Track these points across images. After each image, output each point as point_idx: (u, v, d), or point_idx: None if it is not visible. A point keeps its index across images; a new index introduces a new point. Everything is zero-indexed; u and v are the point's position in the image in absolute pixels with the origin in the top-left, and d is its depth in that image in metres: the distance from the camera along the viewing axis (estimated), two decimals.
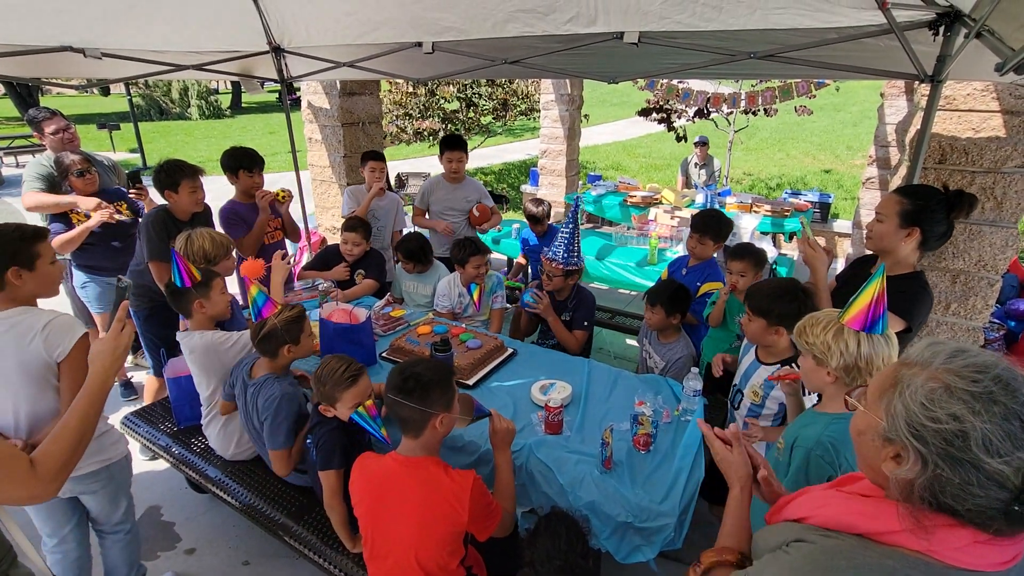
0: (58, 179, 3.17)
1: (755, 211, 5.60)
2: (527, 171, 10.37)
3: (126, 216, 3.19)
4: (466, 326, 2.90)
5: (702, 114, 8.27)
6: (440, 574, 1.55)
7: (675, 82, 7.42)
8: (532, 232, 4.31)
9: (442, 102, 9.57)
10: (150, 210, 2.94)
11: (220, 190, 3.74)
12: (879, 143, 5.61)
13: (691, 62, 2.64)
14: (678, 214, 5.13)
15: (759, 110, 7.55)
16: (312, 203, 5.43)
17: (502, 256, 5.48)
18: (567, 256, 2.79)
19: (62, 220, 3.12)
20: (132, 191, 3.40)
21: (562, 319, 2.92)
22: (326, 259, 3.49)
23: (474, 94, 9.78)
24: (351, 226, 3.33)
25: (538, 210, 4.09)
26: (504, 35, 2.63)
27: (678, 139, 9.00)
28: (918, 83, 2.33)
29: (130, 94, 8.51)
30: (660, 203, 5.90)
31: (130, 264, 2.96)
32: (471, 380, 2.40)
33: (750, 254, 2.48)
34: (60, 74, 3.60)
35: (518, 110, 10.20)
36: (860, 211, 5.76)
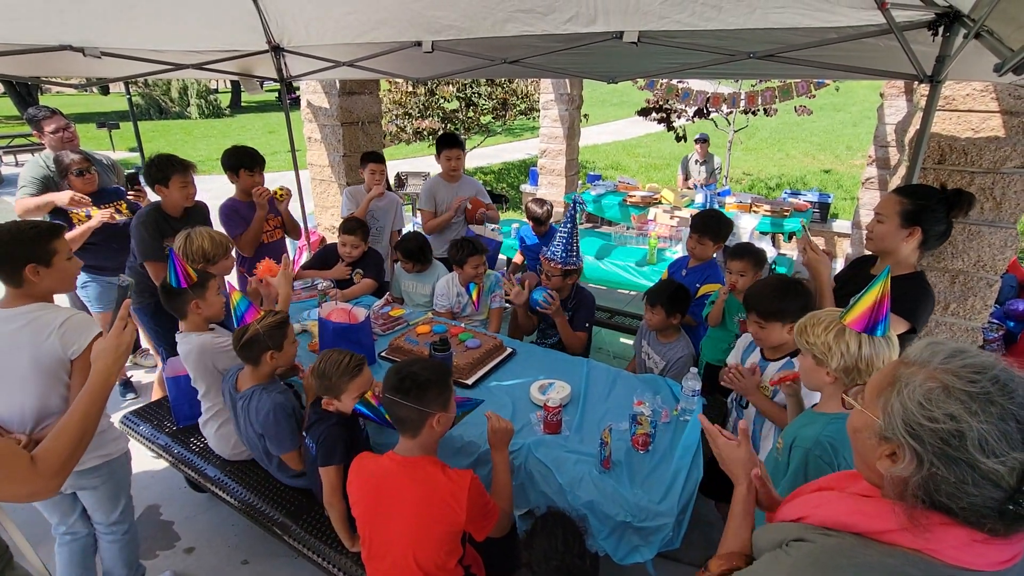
0: (56, 179, 3.15)
1: (754, 211, 5.60)
2: (527, 171, 10.36)
3: (126, 216, 3.18)
4: (465, 326, 2.90)
5: (702, 114, 8.27)
6: (438, 573, 1.55)
7: (675, 82, 7.42)
8: (531, 232, 4.31)
9: (442, 101, 9.56)
10: (140, 210, 2.92)
11: (220, 189, 3.74)
12: (879, 143, 5.61)
13: (691, 62, 2.64)
14: (677, 214, 5.13)
15: (759, 110, 7.54)
16: (311, 202, 5.42)
17: (502, 256, 5.48)
18: (565, 256, 2.79)
19: (63, 220, 3.10)
20: (131, 192, 3.39)
21: None
22: (325, 258, 3.48)
23: (474, 93, 9.76)
24: (349, 228, 3.32)
25: (541, 211, 4.08)
26: (503, 34, 2.63)
27: (678, 139, 9.01)
28: (917, 83, 2.34)
29: (129, 93, 8.46)
30: (659, 203, 5.90)
31: (127, 262, 2.96)
32: (470, 380, 2.41)
33: (750, 254, 2.48)
34: (60, 73, 3.60)
35: (518, 110, 10.17)
36: (860, 211, 5.75)
